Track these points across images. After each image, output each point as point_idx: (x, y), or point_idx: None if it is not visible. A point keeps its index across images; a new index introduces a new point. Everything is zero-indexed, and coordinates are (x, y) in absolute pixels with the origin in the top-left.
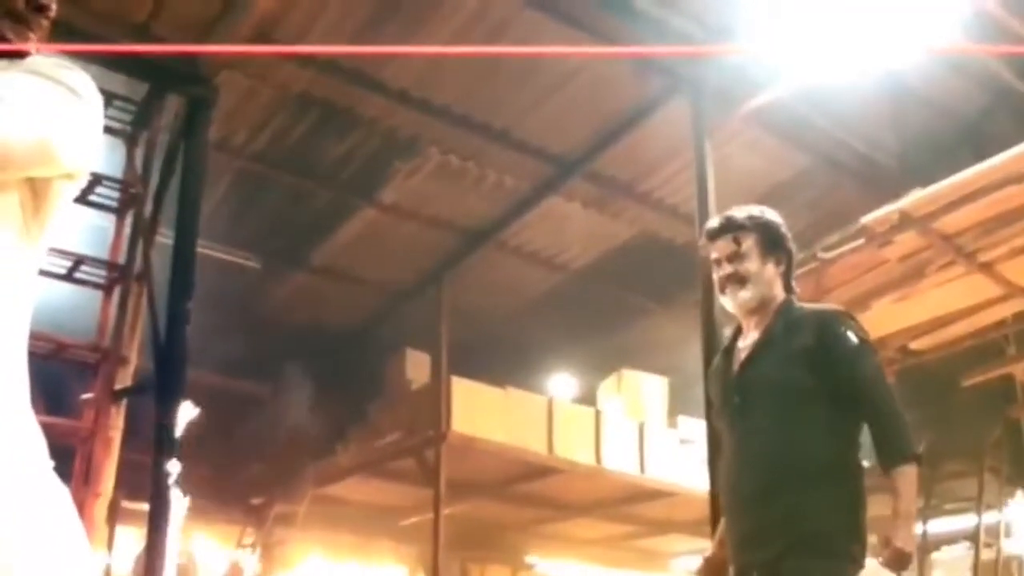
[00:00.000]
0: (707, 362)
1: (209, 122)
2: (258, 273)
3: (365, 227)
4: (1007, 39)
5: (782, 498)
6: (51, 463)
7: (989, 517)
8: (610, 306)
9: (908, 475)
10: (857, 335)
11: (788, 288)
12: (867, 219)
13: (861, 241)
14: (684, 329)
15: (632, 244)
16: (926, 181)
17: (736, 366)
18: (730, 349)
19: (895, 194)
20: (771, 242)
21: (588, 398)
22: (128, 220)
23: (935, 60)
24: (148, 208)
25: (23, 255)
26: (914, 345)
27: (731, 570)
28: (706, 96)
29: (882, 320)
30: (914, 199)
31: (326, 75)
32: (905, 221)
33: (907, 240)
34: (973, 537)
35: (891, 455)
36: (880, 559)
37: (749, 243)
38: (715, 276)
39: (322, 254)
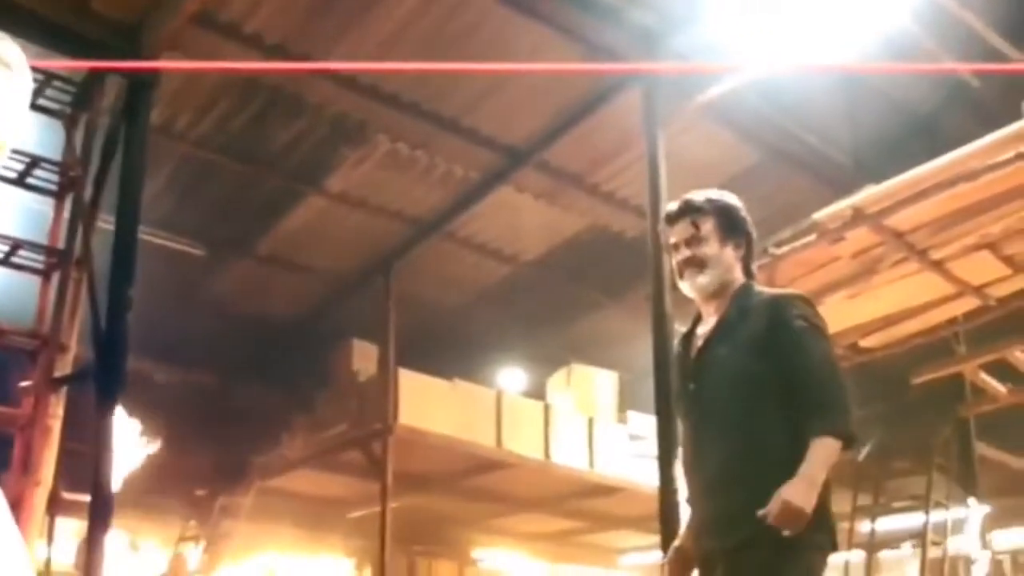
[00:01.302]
0: (657, 357)
1: (151, 105)
2: (202, 261)
3: (312, 215)
4: (959, 30)
5: (742, 487)
6: None
7: (937, 515)
8: (560, 299)
9: (827, 447)
10: (807, 319)
11: (748, 272)
12: (819, 215)
13: (813, 237)
14: (635, 323)
15: (583, 236)
16: (879, 177)
17: (693, 353)
18: (689, 335)
19: (848, 190)
20: (730, 225)
21: (537, 392)
22: (67, 204)
23: (890, 55)
24: (88, 192)
25: None
26: (865, 342)
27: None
28: (659, 87)
29: (833, 317)
30: (867, 195)
31: (272, 59)
32: (858, 217)
33: (859, 236)
34: (920, 536)
35: (815, 426)
36: (767, 515)
37: (708, 226)
38: (673, 261)
39: (268, 242)
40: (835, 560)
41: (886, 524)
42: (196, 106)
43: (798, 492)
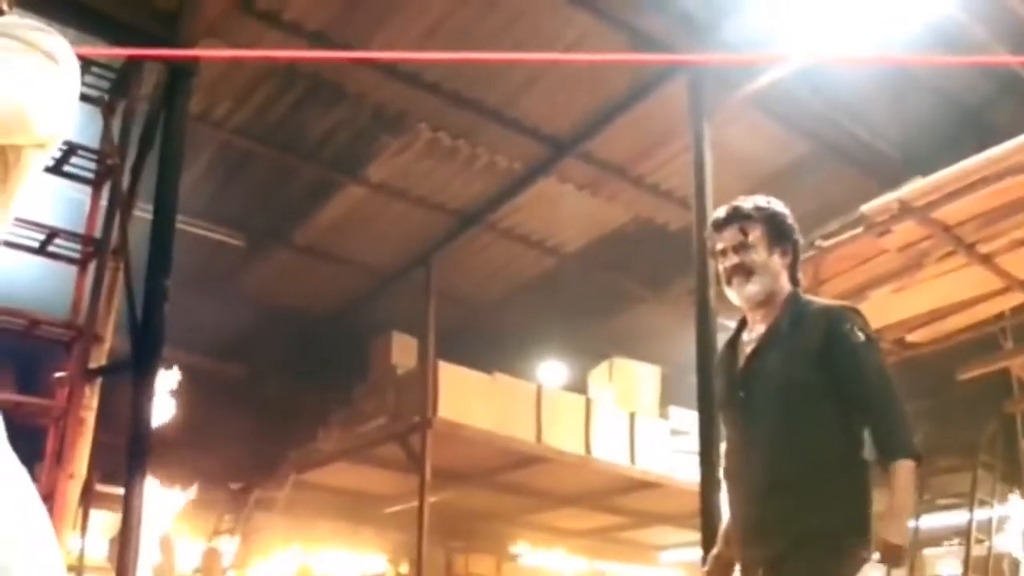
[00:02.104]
0: (700, 352)
1: (190, 92)
2: (240, 251)
3: (352, 206)
4: (1009, 20)
5: (787, 494)
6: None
7: (981, 513)
8: (603, 292)
9: (906, 469)
10: (863, 332)
11: (794, 280)
12: (867, 208)
13: (860, 230)
14: (678, 317)
15: (626, 229)
16: (927, 170)
17: (741, 360)
18: (735, 342)
19: (896, 182)
20: (778, 233)
21: (578, 386)
22: (104, 192)
23: (939, 46)
24: (125, 180)
25: None
26: (911, 337)
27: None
28: (705, 77)
29: (879, 311)
30: (914, 188)
31: (313, 47)
32: (905, 210)
33: (906, 230)
34: (965, 533)
35: (890, 450)
36: (875, 556)
37: (756, 234)
38: (720, 267)
39: (306, 233)
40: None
41: (930, 522)
42: (235, 94)
43: (894, 530)
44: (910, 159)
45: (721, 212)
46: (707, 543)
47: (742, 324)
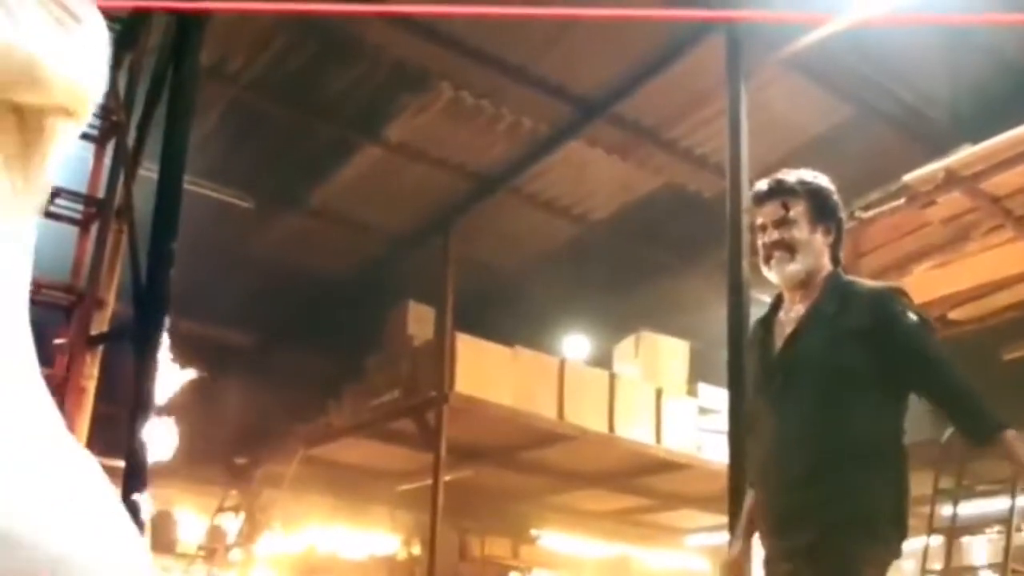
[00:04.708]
0: (732, 327)
1: (200, 45)
2: (251, 214)
3: (368, 167)
4: None
5: (823, 481)
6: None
7: (1023, 500)
8: (630, 262)
9: (1013, 438)
10: (917, 315)
11: (835, 260)
12: (910, 177)
13: (902, 201)
14: (709, 290)
15: (657, 196)
16: (978, 137)
17: (779, 341)
18: (769, 321)
19: (943, 149)
20: (822, 210)
21: (603, 360)
22: (109, 150)
23: (992, 5)
24: (131, 138)
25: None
26: (954, 315)
27: (763, 554)
28: (744, 37)
29: (921, 287)
30: (962, 156)
31: None
32: (951, 180)
33: (952, 201)
34: (1006, 521)
35: (987, 429)
36: None
37: (799, 209)
38: (759, 243)
39: (321, 195)
40: (914, 546)
41: (969, 508)
42: (248, 48)
43: None
44: (960, 124)
45: (763, 185)
46: (735, 527)
47: (777, 302)
